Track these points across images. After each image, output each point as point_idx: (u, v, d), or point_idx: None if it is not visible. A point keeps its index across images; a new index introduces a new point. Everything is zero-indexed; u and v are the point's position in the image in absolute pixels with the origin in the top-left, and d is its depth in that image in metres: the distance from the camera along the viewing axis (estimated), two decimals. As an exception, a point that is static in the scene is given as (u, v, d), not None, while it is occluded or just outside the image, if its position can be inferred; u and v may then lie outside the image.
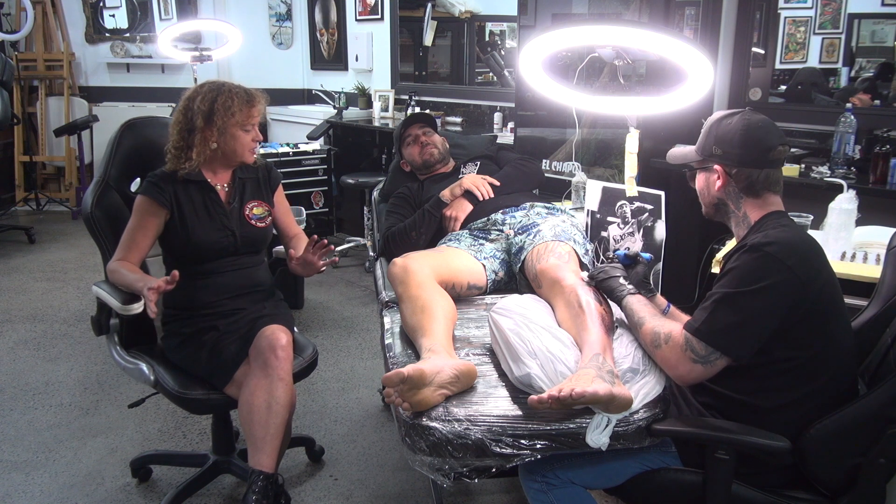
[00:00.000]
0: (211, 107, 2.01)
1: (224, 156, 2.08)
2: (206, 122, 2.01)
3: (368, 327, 3.63)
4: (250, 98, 2.06)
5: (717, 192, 1.56)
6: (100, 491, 2.29)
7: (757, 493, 1.45)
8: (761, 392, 1.43)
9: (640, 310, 1.58)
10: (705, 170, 1.58)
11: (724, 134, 1.52)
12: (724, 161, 1.53)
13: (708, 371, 1.42)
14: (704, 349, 1.41)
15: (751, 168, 1.50)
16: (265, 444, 1.87)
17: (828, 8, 3.92)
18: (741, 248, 1.43)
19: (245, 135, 2.07)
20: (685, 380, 1.46)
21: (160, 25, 5.80)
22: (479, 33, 5.81)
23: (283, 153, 4.57)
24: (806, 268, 1.38)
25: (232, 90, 2.04)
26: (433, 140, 2.73)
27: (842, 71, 3.93)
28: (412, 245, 2.36)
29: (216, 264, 2.07)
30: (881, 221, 2.30)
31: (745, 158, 1.50)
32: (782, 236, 1.41)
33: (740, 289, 1.38)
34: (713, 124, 1.56)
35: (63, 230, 5.42)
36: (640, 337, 1.56)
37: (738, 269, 1.41)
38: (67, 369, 3.14)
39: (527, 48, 1.85)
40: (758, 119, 1.52)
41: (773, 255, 1.37)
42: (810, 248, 1.43)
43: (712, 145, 1.54)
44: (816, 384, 1.43)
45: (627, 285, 1.65)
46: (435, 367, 1.50)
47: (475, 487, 2.29)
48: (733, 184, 1.53)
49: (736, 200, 1.54)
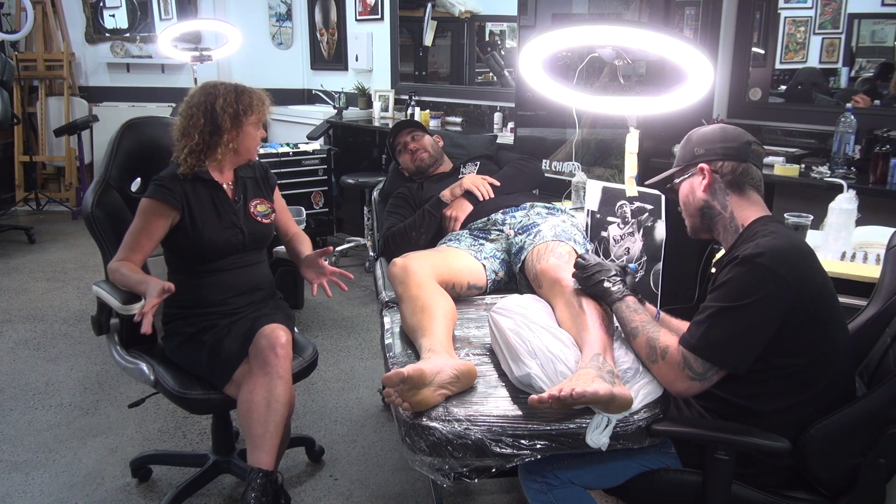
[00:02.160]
0: (236, 108, 2.03)
1: (236, 154, 2.09)
2: (232, 123, 2.03)
3: (368, 327, 3.63)
4: (263, 97, 2.11)
5: (703, 194, 1.56)
6: (100, 491, 2.29)
7: (757, 493, 1.45)
8: (760, 397, 1.43)
9: (632, 318, 1.55)
10: (689, 176, 1.60)
11: (704, 136, 1.59)
12: (708, 157, 1.56)
13: (705, 385, 1.43)
14: (702, 366, 1.41)
15: (734, 160, 1.53)
16: (264, 441, 1.87)
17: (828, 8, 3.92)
18: (733, 261, 1.43)
19: (257, 133, 2.11)
20: (683, 395, 1.48)
21: (160, 25, 5.80)
22: (479, 33, 5.81)
23: (283, 153, 4.56)
24: (798, 275, 1.38)
25: (248, 90, 2.08)
26: (422, 144, 2.74)
27: (842, 71, 3.93)
28: (412, 245, 2.36)
29: (222, 262, 2.08)
30: (881, 221, 2.30)
31: (729, 150, 1.54)
32: (773, 245, 1.40)
33: (735, 302, 1.38)
34: (687, 138, 1.63)
35: (63, 230, 5.42)
36: (635, 347, 1.55)
37: (730, 282, 1.41)
38: (67, 369, 3.14)
39: (527, 48, 1.85)
40: (732, 125, 1.60)
41: (765, 265, 1.37)
42: (802, 255, 1.43)
43: (693, 149, 1.59)
44: (815, 389, 1.42)
45: (616, 289, 1.61)
46: (435, 367, 1.50)
47: (475, 487, 2.29)
48: (719, 180, 1.54)
49: (722, 199, 1.55)
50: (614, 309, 1.61)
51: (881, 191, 2.62)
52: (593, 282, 1.65)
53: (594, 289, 1.65)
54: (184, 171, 2.03)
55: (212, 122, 2.02)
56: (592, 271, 1.66)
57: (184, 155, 2.03)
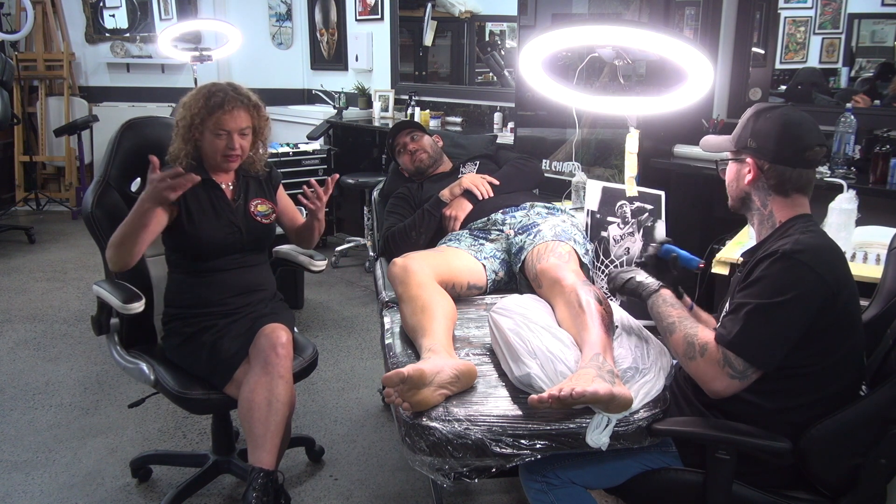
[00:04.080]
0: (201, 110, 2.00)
1: (211, 157, 2.08)
2: (200, 126, 2.01)
3: (368, 327, 3.63)
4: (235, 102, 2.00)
5: (746, 186, 1.51)
6: (100, 491, 2.29)
7: (757, 493, 1.45)
8: (769, 394, 1.41)
9: (669, 313, 1.52)
10: (738, 161, 1.53)
11: (762, 127, 1.47)
12: (757, 154, 1.48)
13: (743, 385, 1.40)
14: (742, 364, 1.38)
15: (784, 166, 1.45)
16: (265, 441, 1.87)
17: (828, 8, 3.92)
18: (771, 255, 1.38)
19: (219, 140, 2.03)
20: (721, 395, 1.42)
21: (160, 25, 5.80)
22: (479, 33, 5.81)
23: (283, 153, 4.57)
24: (835, 276, 1.36)
25: (219, 92, 2.01)
26: (421, 145, 2.74)
27: (842, 71, 3.93)
28: (412, 245, 2.36)
29: (221, 262, 2.08)
30: (881, 221, 2.30)
31: (780, 155, 1.45)
32: (812, 243, 1.37)
33: (773, 299, 1.35)
34: (752, 116, 1.50)
35: (63, 230, 5.42)
36: (670, 344, 1.51)
37: (769, 278, 1.37)
38: (67, 369, 3.14)
39: (527, 48, 1.85)
40: (798, 116, 1.46)
41: (805, 263, 1.34)
42: (838, 257, 1.41)
43: (748, 137, 1.49)
44: (827, 392, 1.41)
45: (650, 281, 1.60)
46: (435, 367, 1.50)
47: (475, 487, 2.29)
48: (764, 179, 1.48)
49: (763, 197, 1.50)
50: (650, 303, 1.58)
51: (881, 191, 2.61)
52: (624, 280, 1.64)
53: (628, 286, 1.63)
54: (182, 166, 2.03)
55: (187, 124, 2.02)
56: (624, 271, 1.66)
57: (181, 155, 2.04)
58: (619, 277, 1.67)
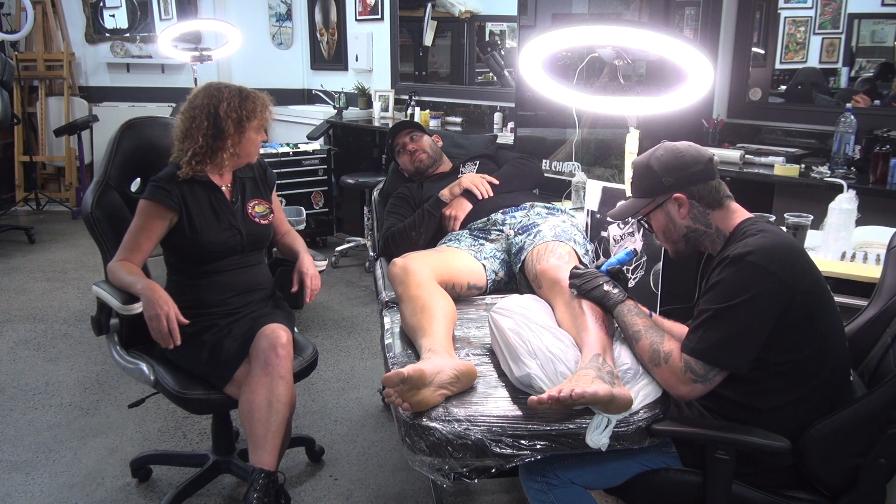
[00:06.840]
0: (240, 113, 2.02)
1: (237, 158, 2.09)
2: (236, 128, 2.02)
3: (368, 327, 3.63)
4: (266, 101, 2.10)
5: (684, 221, 1.56)
6: (100, 491, 2.30)
7: (757, 493, 1.45)
8: (760, 394, 1.44)
9: (634, 322, 1.56)
10: (662, 206, 1.57)
11: (664, 165, 1.54)
12: (679, 185, 1.53)
13: (708, 387, 1.43)
14: (703, 368, 1.41)
15: (707, 181, 1.53)
16: (266, 441, 1.87)
17: (828, 8, 3.92)
18: (723, 261, 1.43)
19: (259, 137, 2.10)
20: (686, 398, 1.47)
21: (160, 25, 5.79)
22: (479, 33, 5.81)
23: (283, 153, 4.57)
24: (790, 272, 1.38)
25: (252, 94, 2.06)
26: (421, 145, 2.74)
27: (842, 71, 3.93)
28: (412, 245, 2.36)
29: (221, 263, 2.08)
30: (881, 221, 2.30)
31: (696, 175, 1.53)
32: (762, 243, 1.41)
33: (728, 303, 1.39)
34: (644, 166, 1.58)
35: (63, 230, 5.42)
36: (637, 351, 1.55)
37: (722, 282, 1.41)
38: (67, 369, 3.14)
39: (527, 48, 1.85)
40: (675, 143, 1.57)
41: (756, 263, 1.37)
42: (792, 251, 1.43)
43: (659, 179, 1.55)
44: (813, 383, 1.43)
45: (616, 291, 1.62)
46: (435, 368, 1.50)
47: (475, 487, 2.29)
48: (697, 203, 1.54)
49: (704, 219, 1.55)
50: (615, 313, 1.61)
51: (881, 191, 2.62)
52: (592, 286, 1.65)
53: (593, 293, 1.64)
54: (185, 173, 2.02)
55: (215, 126, 2.00)
56: (590, 277, 1.66)
57: (187, 157, 2.02)
58: (585, 284, 1.66)
